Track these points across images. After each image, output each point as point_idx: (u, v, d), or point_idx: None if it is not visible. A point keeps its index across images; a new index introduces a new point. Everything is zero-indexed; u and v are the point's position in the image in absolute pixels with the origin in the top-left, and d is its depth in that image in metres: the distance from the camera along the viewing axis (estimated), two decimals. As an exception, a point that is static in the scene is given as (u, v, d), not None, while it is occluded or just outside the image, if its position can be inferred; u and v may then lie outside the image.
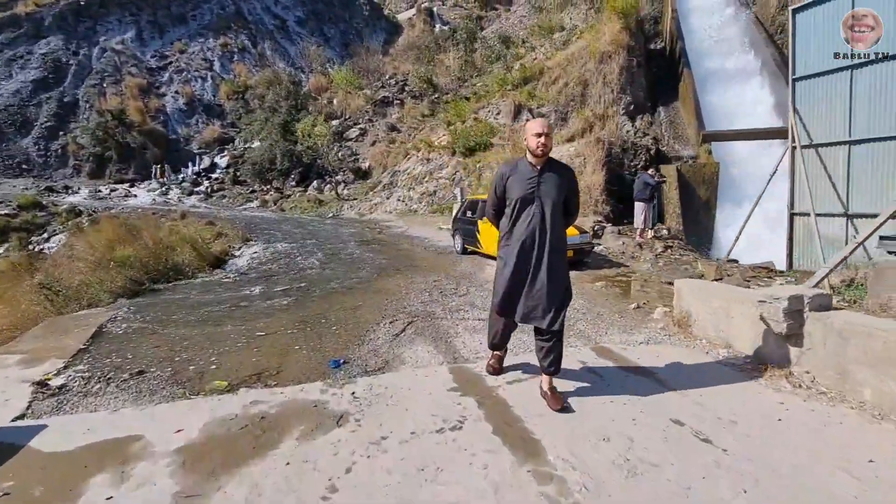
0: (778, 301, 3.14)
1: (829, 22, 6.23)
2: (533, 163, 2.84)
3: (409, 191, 19.43)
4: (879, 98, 5.93)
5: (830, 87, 6.39)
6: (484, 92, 20.98)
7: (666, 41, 19.36)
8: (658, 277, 6.84)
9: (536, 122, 2.83)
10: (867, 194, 6.18)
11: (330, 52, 43.72)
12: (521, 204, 2.82)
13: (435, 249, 10.80)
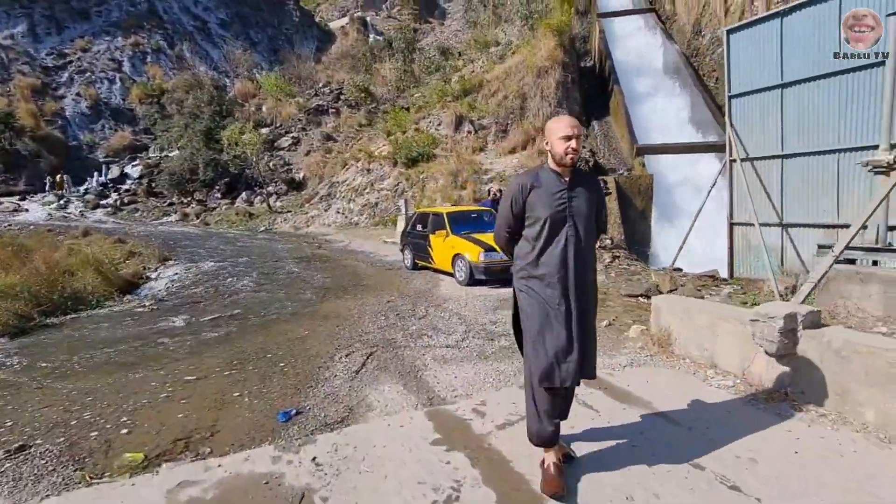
0: (773, 320, 2.99)
1: (761, 42, 6.60)
2: (560, 172, 2.23)
3: (350, 202, 18.58)
4: (805, 116, 6.33)
5: (763, 105, 6.76)
6: (423, 102, 20.73)
7: (595, 59, 20.34)
8: (616, 290, 6.79)
9: (562, 120, 2.22)
10: (799, 205, 6.56)
11: (258, 58, 41.49)
12: (550, 225, 2.19)
13: (382, 265, 10.18)
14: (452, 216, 8.27)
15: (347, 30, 49.34)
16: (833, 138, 6.09)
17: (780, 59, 6.48)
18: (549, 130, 2.24)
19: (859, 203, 5.92)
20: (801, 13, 6.19)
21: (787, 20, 6.32)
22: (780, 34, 6.42)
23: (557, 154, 2.18)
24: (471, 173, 14.21)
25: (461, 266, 7.48)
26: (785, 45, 6.41)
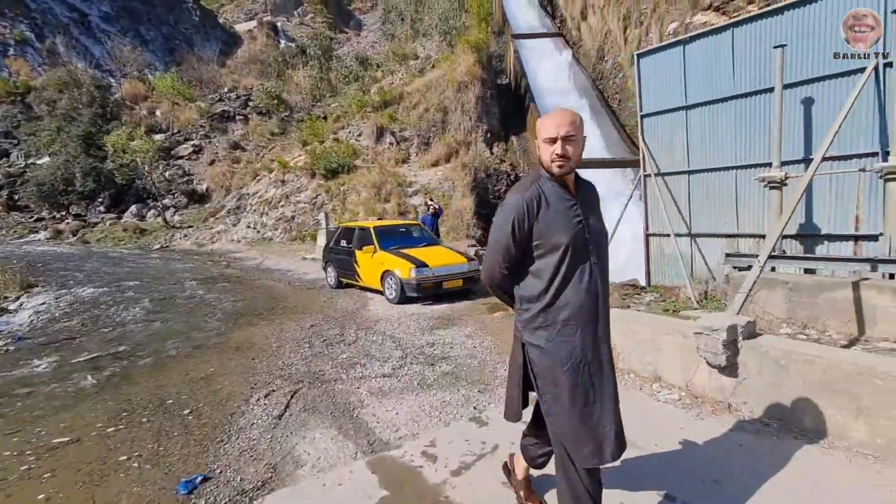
0: (716, 332, 3.03)
1: (667, 67, 7.14)
2: (562, 182, 1.71)
3: (262, 216, 17.21)
4: (707, 135, 6.94)
5: (671, 124, 7.30)
6: (342, 112, 20.03)
7: (511, 77, 21.19)
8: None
9: (550, 117, 1.69)
10: (704, 217, 7.15)
11: (150, 57, 37.56)
12: (573, 253, 1.66)
13: (303, 284, 9.39)
14: (380, 231, 7.85)
15: (256, 34, 46.78)
16: (731, 156, 6.71)
17: (683, 82, 7.05)
18: (537, 130, 1.75)
19: (755, 215, 6.55)
20: (699, 42, 6.79)
21: (689, 48, 6.91)
22: (683, 60, 6.99)
23: (544, 162, 1.71)
24: (395, 185, 13.87)
25: (391, 283, 7.07)
26: (687, 71, 6.98)
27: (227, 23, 50.27)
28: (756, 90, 6.25)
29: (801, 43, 5.75)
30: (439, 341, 5.05)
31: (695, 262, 7.41)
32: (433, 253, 7.43)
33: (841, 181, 5.72)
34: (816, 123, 5.83)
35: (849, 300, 4.70)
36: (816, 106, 5.81)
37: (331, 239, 8.98)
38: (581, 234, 1.67)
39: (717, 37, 6.60)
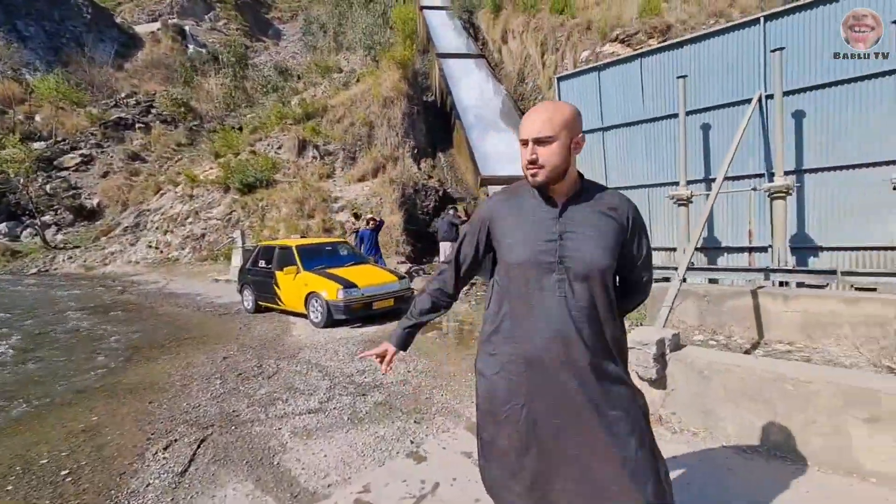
0: (647, 346, 3.11)
1: (585, 90, 7.59)
2: (544, 192, 1.41)
3: (166, 234, 15.60)
4: (621, 155, 7.45)
5: (589, 144, 7.73)
6: (260, 123, 18.97)
7: (437, 95, 21.53)
8: (480, 320, 6.80)
9: (526, 115, 1.40)
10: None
11: (29, 55, 33.09)
12: (531, 276, 1.39)
13: (214, 309, 8.54)
14: (304, 249, 7.36)
15: (159, 36, 43.28)
16: (643, 175, 7.24)
17: (600, 106, 7.52)
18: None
19: (665, 229, 7.09)
20: (612, 70, 7.31)
21: (603, 74, 7.40)
22: (598, 85, 7.46)
23: (522, 168, 1.40)
24: (319, 201, 13.28)
25: (317, 306, 6.62)
26: (603, 95, 7.47)
27: (126, 23, 46.00)
28: (663, 115, 6.82)
29: (699, 74, 6.38)
30: (370, 367, 4.76)
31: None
32: (362, 272, 7.11)
33: (736, 199, 6.38)
34: (714, 147, 6.48)
35: (749, 307, 5.16)
36: (713, 131, 6.46)
37: (248, 259, 8.29)
38: (549, 254, 1.35)
39: (627, 65, 7.13)
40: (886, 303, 4.10)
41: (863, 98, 5.25)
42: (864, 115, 5.26)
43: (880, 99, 5.14)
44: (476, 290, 9.37)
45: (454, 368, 4.62)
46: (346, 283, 6.54)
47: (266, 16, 53.27)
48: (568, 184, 1.39)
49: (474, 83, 21.00)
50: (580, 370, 1.34)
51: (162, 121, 25.28)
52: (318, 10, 36.00)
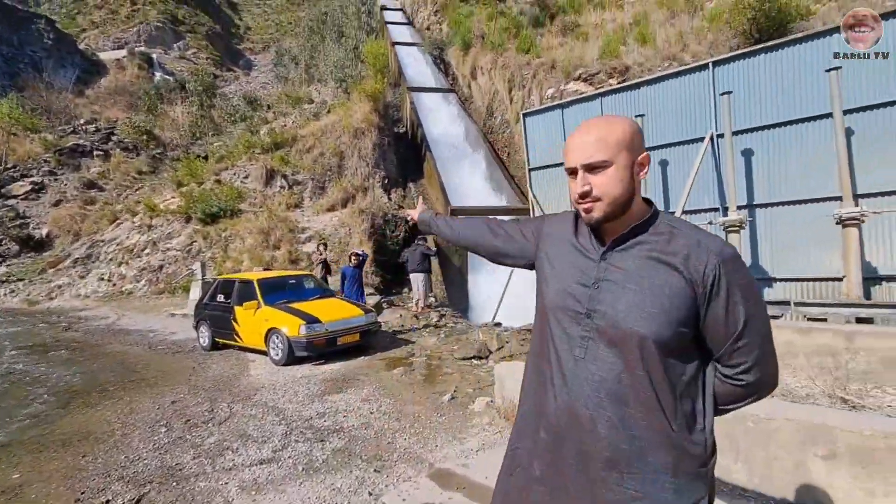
0: (611, 384, 3.08)
1: (550, 126, 7.85)
2: (594, 227, 1.13)
3: (121, 266, 14.87)
4: (586, 188, 7.68)
5: (555, 177, 7.95)
6: (226, 152, 18.68)
7: (408, 127, 21.87)
8: (449, 353, 6.66)
9: (571, 136, 1.12)
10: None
11: (-19, 78, 31.90)
12: (555, 316, 1.13)
13: (168, 347, 8.07)
14: (265, 283, 7.11)
15: (125, 64, 42.75)
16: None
17: (564, 141, 7.77)
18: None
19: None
20: (575, 107, 7.61)
21: (566, 111, 7.68)
22: (562, 121, 7.73)
23: (572, 203, 1.14)
24: (285, 231, 13.00)
25: (277, 343, 6.34)
26: (566, 131, 7.73)
27: (90, 49, 45.25)
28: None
29: (656, 113, 6.71)
30: (331, 409, 4.53)
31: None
32: (326, 306, 6.89)
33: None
34: (671, 182, 6.75)
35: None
36: (671, 167, 6.74)
37: (205, 293, 7.93)
38: (578, 300, 1.08)
39: (588, 104, 7.44)
40: (837, 333, 4.25)
41: (805, 138, 5.61)
42: (806, 154, 5.61)
43: (822, 139, 5.50)
44: (445, 322, 9.25)
45: (419, 409, 4.45)
46: (309, 317, 6.31)
47: (238, 46, 53.55)
48: (631, 217, 1.08)
49: (445, 116, 21.49)
50: (592, 464, 1.03)
51: (123, 148, 24.57)
52: (291, 42, 36.50)
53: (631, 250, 1.07)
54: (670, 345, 1.00)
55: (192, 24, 49.05)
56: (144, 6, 48.23)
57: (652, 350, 0.99)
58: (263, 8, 57.38)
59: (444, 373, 5.70)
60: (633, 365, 1.01)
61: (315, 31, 26.84)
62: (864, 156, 5.14)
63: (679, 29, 14.26)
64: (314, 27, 27.52)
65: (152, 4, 48.27)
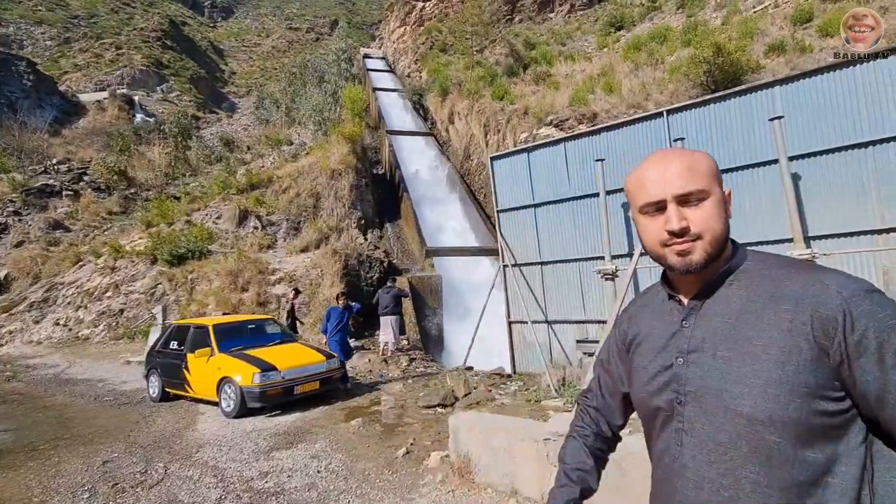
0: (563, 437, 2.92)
1: (517, 169, 7.99)
2: (674, 285, 0.94)
3: (79, 310, 14.21)
4: (552, 230, 7.71)
5: (522, 219, 8.00)
6: (201, 193, 18.52)
7: (386, 168, 22.17)
8: (414, 401, 6.38)
9: (646, 166, 0.90)
10: (557, 305, 7.69)
11: (-47, 118, 31.50)
12: (646, 416, 0.94)
13: (116, 398, 7.56)
14: (221, 329, 6.79)
15: (105, 105, 42.98)
16: (573, 249, 7.47)
17: (530, 184, 7.89)
18: (627, 194, 0.95)
19: (597, 302, 7.21)
20: (540, 151, 7.78)
21: (532, 155, 7.85)
22: (528, 165, 7.87)
23: (650, 249, 0.91)
24: (255, 273, 12.69)
25: (229, 392, 5.98)
26: (533, 174, 7.86)
27: (70, 91, 45.49)
28: (586, 194, 7.21)
29: (616, 157, 6.88)
30: (276, 468, 4.20)
31: (553, 348, 7.77)
32: (285, 352, 6.59)
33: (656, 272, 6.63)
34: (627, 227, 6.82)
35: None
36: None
37: (158, 340, 7.54)
38: (663, 390, 0.88)
39: (553, 148, 7.62)
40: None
41: (756, 183, 5.79)
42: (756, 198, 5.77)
43: (761, 185, 5.67)
44: (415, 367, 8.96)
45: (370, 465, 4.16)
46: (265, 365, 6.00)
47: (222, 90, 54.52)
48: (719, 263, 0.87)
49: (423, 159, 21.91)
50: None
51: (94, 188, 24.19)
52: (273, 87, 37.34)
53: (722, 300, 0.85)
54: (797, 427, 0.73)
55: (176, 68, 49.97)
56: (129, 51, 49.13)
57: (770, 438, 0.74)
58: (249, 54, 59.05)
59: (405, 423, 5.41)
60: (752, 461, 0.76)
61: (297, 76, 27.57)
62: (814, 199, 5.32)
63: (643, 80, 15.06)
64: (297, 73, 28.30)
65: (137, 49, 49.21)
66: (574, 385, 6.45)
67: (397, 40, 38.37)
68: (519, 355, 8.17)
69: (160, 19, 52.85)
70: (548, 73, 20.40)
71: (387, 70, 35.47)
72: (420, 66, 32.36)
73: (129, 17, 53.41)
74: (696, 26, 18.01)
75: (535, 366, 7.87)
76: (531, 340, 7.82)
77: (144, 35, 51.84)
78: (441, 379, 8.07)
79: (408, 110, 27.25)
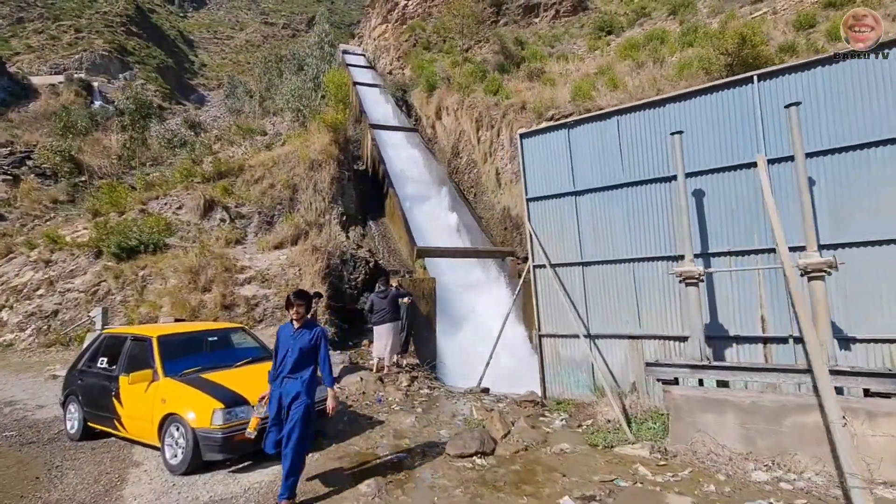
0: None
1: (553, 149, 6.38)
2: None
3: (2, 310, 11.58)
4: (599, 223, 6.13)
5: (559, 210, 6.39)
6: (161, 182, 16.03)
7: (368, 164, 20.22)
8: (437, 444, 4.60)
9: None
10: (603, 315, 6.10)
11: None
12: None
13: (20, 432, 5.38)
14: (169, 342, 4.77)
15: (60, 90, 38.97)
16: (626, 247, 5.92)
17: (570, 167, 6.30)
18: None
19: (658, 313, 5.67)
20: (584, 127, 6.21)
21: (574, 132, 6.27)
22: (568, 143, 6.29)
23: None
24: (220, 271, 10.53)
25: (177, 437, 4.02)
26: (574, 155, 6.28)
27: (21, 73, 41.06)
28: (647, 178, 5.68)
29: (690, 133, 5.39)
30: None
31: (596, 367, 6.17)
32: (260, 377, 4.68)
33: (743, 278, 5.16)
34: (711, 216, 5.35)
35: (819, 427, 3.64)
36: (709, 198, 5.37)
37: (83, 354, 5.42)
38: None
39: (602, 123, 6.07)
40: None
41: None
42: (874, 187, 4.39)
43: None
44: (419, 388, 7.16)
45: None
46: (230, 397, 4.08)
47: (190, 82, 50.88)
48: None
49: (407, 155, 20.14)
50: None
51: (39, 174, 21.06)
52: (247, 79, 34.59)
53: None
54: None
55: (141, 55, 46.15)
56: (90, 35, 44.92)
57: None
58: (221, 46, 55.47)
59: (438, 485, 3.64)
60: None
61: (273, 65, 25.21)
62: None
63: (652, 75, 13.93)
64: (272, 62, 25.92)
65: (99, 34, 45.09)
66: (645, 421, 4.85)
67: (378, 38, 36.52)
68: (551, 377, 6.51)
69: (125, 4, 48.85)
70: (542, 70, 19.11)
71: (367, 66, 33.49)
72: (403, 64, 30.62)
73: (92, 0, 49.09)
74: (697, 29, 17.17)
75: (573, 390, 6.25)
76: (569, 358, 6.20)
77: (108, 20, 47.73)
78: (454, 404, 6.31)
79: (390, 104, 25.40)
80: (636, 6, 26.64)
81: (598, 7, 30.11)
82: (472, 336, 11.88)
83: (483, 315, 12.59)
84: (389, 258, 14.29)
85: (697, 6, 21.66)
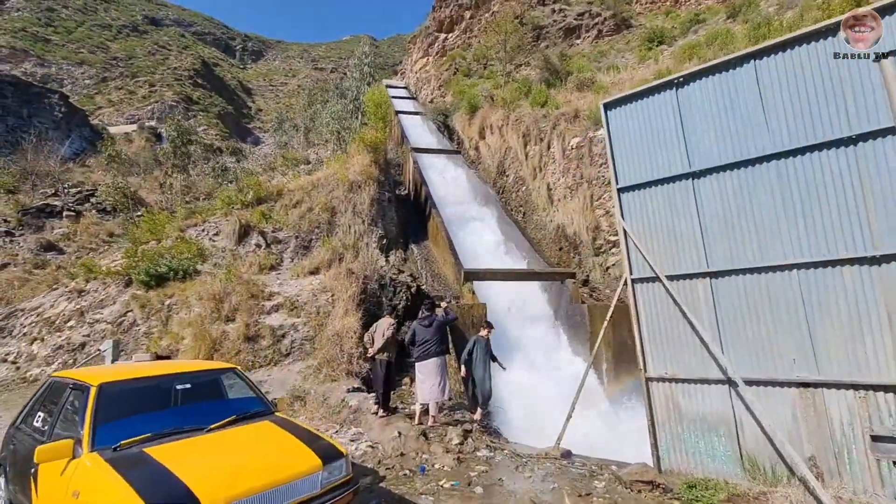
0: None
1: (653, 120, 4.53)
2: None
3: (34, 343, 10.82)
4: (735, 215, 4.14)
5: (668, 200, 4.46)
6: (203, 209, 15.46)
7: (410, 188, 19.00)
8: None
9: None
10: (747, 348, 3.98)
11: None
12: None
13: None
14: (114, 392, 3.17)
15: (133, 137, 41.64)
16: (781, 248, 3.86)
17: (683, 139, 4.39)
18: None
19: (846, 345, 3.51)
20: (703, 82, 4.31)
21: (685, 90, 4.39)
22: (677, 108, 4.41)
23: None
24: (245, 298, 9.22)
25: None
26: (686, 122, 4.38)
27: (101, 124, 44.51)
28: (821, 142, 3.67)
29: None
30: None
31: (742, 428, 4.00)
32: (234, 451, 2.95)
33: None
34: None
35: None
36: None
37: (24, 408, 3.96)
38: None
39: (730, 73, 4.16)
40: None
41: None
42: None
43: None
44: (475, 451, 5.19)
45: None
46: (172, 495, 2.38)
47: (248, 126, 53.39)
48: None
49: (451, 177, 18.79)
50: None
51: (100, 210, 21.52)
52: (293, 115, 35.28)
53: None
54: None
55: (205, 104, 49.04)
56: (162, 87, 48.37)
57: None
58: (275, 92, 58.27)
59: None
60: None
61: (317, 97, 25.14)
62: None
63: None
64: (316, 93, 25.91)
65: (169, 86, 48.46)
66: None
67: (419, 70, 36.44)
68: (668, 441, 4.36)
69: (193, 60, 52.62)
70: (592, 80, 17.38)
71: (409, 98, 33.24)
72: (444, 92, 30.00)
73: (165, 58, 53.33)
74: (769, 23, 14.94)
75: (705, 463, 4.09)
76: (694, 414, 4.09)
77: (177, 74, 51.47)
78: (527, 478, 4.31)
79: (432, 132, 24.47)
80: (686, 18, 24.65)
81: (642, 24, 28.40)
82: (530, 372, 9.82)
83: (535, 346, 10.56)
84: (433, 283, 12.58)
85: (761, 5, 19.42)
